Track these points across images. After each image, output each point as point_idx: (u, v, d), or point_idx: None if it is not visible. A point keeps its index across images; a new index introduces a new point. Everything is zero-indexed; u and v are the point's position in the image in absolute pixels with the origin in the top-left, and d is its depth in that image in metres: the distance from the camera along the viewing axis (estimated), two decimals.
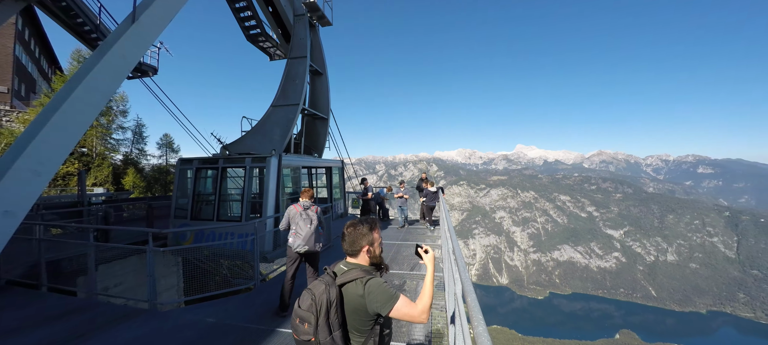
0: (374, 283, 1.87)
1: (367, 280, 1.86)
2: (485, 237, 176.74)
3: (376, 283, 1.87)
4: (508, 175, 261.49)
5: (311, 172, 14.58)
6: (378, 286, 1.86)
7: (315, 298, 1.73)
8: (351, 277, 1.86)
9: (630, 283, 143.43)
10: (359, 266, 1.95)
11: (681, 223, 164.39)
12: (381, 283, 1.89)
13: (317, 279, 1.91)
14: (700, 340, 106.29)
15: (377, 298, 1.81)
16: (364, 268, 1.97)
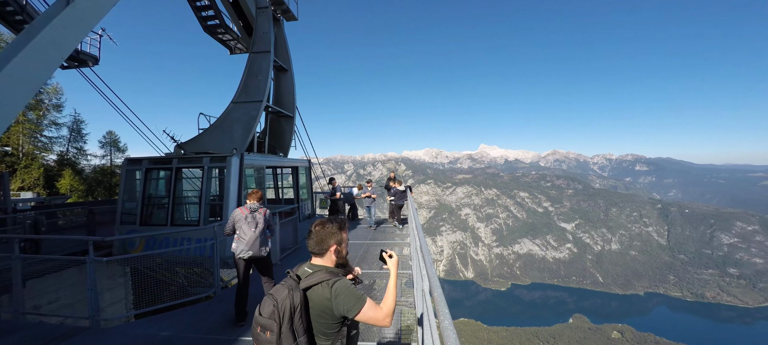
0: (342, 285, 1.81)
1: (335, 282, 1.80)
2: (452, 233, 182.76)
3: (344, 285, 1.82)
4: (473, 173, 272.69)
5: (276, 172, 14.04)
6: (346, 288, 1.80)
7: (277, 304, 1.64)
8: (316, 279, 1.79)
9: (581, 271, 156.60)
10: (324, 268, 1.88)
11: (622, 215, 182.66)
12: (349, 285, 1.83)
13: (279, 283, 1.79)
14: (639, 319, 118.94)
15: (345, 301, 1.76)
16: (330, 269, 1.89)
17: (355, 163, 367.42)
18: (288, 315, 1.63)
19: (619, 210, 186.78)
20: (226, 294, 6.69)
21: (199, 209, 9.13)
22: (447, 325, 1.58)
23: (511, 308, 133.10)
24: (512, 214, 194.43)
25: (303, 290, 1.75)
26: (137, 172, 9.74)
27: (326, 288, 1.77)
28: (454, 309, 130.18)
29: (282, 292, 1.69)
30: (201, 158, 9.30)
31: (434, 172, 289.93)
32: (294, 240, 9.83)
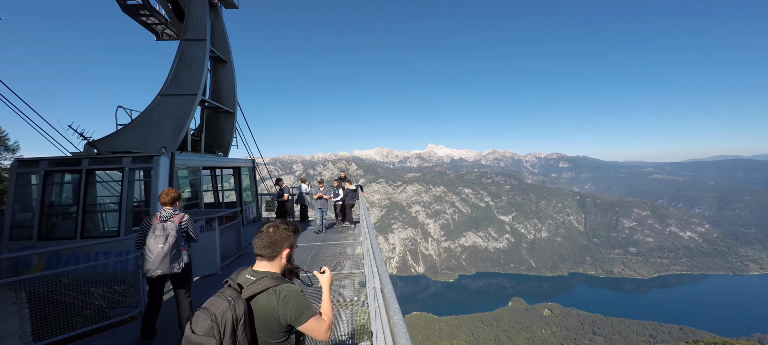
0: (291, 291, 1.70)
1: (283, 289, 1.69)
2: (403, 231, 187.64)
3: (294, 291, 1.71)
4: (422, 172, 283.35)
5: (215, 173, 12.83)
6: (296, 295, 1.70)
7: (216, 318, 1.46)
8: (262, 286, 1.65)
9: (517, 258, 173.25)
10: (270, 274, 1.73)
11: (550, 207, 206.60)
12: (298, 292, 1.73)
13: (215, 296, 1.58)
14: (564, 296, 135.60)
15: (294, 309, 1.65)
16: (275, 275, 1.75)
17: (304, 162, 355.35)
18: (230, 329, 1.47)
19: (547, 202, 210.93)
20: None
21: (118, 218, 7.88)
22: (397, 320, 1.59)
23: (458, 298, 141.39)
24: (458, 210, 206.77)
25: (246, 300, 1.61)
26: (33, 176, 8.05)
27: (273, 295, 1.65)
28: (406, 304, 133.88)
29: (220, 305, 1.52)
30: (120, 158, 8.02)
31: (385, 171, 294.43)
32: (237, 246, 9.09)
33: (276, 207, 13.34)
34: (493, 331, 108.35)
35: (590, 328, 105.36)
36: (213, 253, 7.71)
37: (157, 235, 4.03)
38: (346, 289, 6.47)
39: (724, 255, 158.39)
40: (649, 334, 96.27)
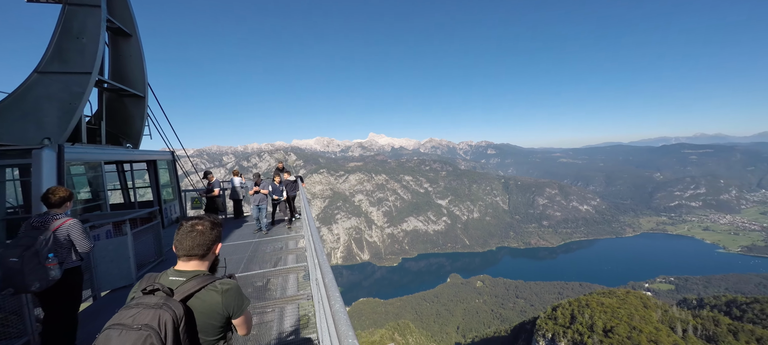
0: (232, 284, 1.70)
1: (224, 282, 1.68)
2: (347, 220, 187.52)
3: (234, 284, 1.71)
4: (364, 161, 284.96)
5: (122, 168, 10.92)
6: (236, 287, 1.70)
7: (152, 328, 1.30)
8: (197, 284, 1.59)
9: (453, 238, 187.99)
10: (201, 272, 1.66)
11: (480, 190, 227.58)
12: (237, 284, 1.73)
13: (132, 306, 1.38)
14: (493, 268, 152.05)
15: (236, 300, 1.67)
16: (206, 273, 1.70)
17: (236, 154, 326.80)
18: (172, 337, 1.35)
19: (478, 186, 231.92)
20: None
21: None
22: (338, 308, 1.57)
23: (402, 280, 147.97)
24: (400, 197, 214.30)
25: (182, 301, 1.51)
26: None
27: (213, 291, 1.62)
28: (353, 291, 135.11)
29: (145, 316, 1.33)
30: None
31: (327, 160, 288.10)
32: (157, 251, 7.94)
33: (204, 204, 12.00)
34: (434, 306, 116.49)
35: (514, 292, 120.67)
36: (125, 261, 6.58)
37: (18, 245, 3.22)
38: (290, 284, 6.17)
39: (609, 222, 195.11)
40: (558, 292, 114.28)
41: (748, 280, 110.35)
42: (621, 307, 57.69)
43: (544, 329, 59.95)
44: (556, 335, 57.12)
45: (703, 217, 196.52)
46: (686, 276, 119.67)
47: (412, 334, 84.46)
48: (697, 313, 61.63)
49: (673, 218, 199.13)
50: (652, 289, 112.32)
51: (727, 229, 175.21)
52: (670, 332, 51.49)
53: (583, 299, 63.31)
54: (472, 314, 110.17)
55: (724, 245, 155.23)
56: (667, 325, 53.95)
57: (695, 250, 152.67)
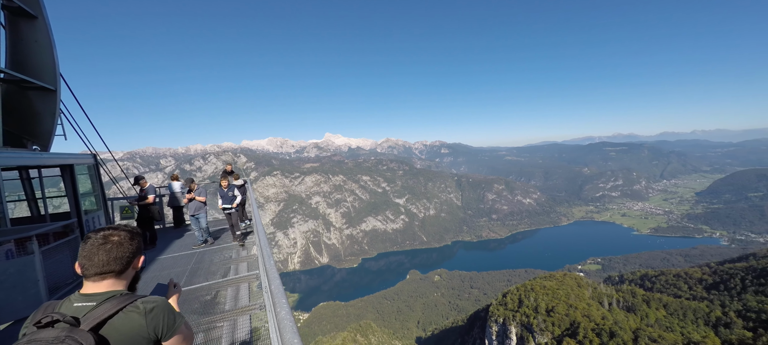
0: (159, 302, 1.42)
1: (147, 301, 1.39)
2: (304, 223, 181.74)
3: (161, 302, 1.43)
4: (320, 161, 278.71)
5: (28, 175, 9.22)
6: (164, 305, 1.43)
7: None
8: (113, 307, 1.29)
9: (411, 235, 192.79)
10: (117, 292, 1.37)
11: (435, 188, 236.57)
12: (166, 301, 1.46)
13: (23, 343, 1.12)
14: (449, 262, 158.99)
15: (166, 320, 1.40)
16: (125, 293, 1.39)
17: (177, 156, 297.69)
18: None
19: (433, 184, 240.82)
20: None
21: None
22: (284, 315, 1.49)
23: (363, 280, 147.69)
24: (358, 197, 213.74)
25: (93, 330, 1.22)
26: None
27: (134, 313, 1.33)
28: (313, 296, 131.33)
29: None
30: None
31: (281, 162, 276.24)
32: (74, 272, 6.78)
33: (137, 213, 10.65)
34: (395, 304, 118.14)
35: (469, 283, 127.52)
36: (32, 285, 5.53)
37: None
38: (242, 295, 5.72)
39: (548, 213, 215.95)
40: (507, 279, 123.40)
41: (656, 256, 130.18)
42: (559, 288, 64.18)
43: (496, 315, 64.30)
44: (506, 319, 61.60)
45: (621, 204, 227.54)
46: (610, 256, 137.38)
47: (375, 333, 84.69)
48: (619, 287, 71.05)
49: (598, 207, 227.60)
50: (584, 270, 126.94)
51: (639, 215, 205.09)
52: (599, 307, 58.67)
53: (529, 284, 69.17)
54: (431, 308, 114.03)
55: (637, 228, 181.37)
56: (596, 301, 61.34)
57: (616, 234, 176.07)
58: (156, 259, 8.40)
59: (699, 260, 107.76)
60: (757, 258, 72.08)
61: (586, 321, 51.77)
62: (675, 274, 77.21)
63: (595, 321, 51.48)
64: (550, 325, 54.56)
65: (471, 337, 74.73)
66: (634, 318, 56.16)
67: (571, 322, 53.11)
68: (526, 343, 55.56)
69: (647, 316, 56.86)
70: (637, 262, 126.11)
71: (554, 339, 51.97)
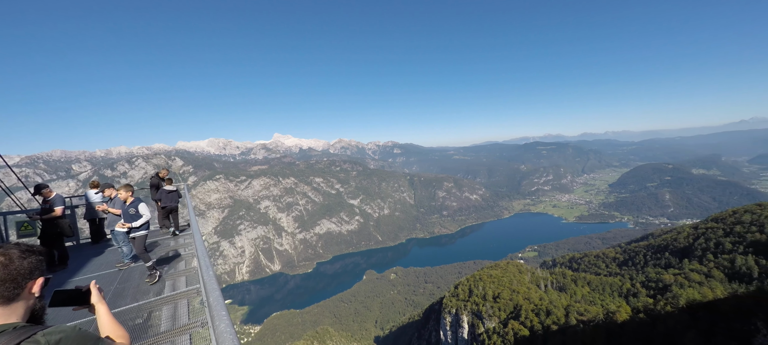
0: (65, 330, 1.11)
1: (51, 333, 1.08)
2: (252, 230, 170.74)
3: (68, 329, 1.12)
4: (269, 163, 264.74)
5: None
6: (72, 332, 1.12)
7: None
8: None
9: (367, 235, 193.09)
10: (8, 327, 1.07)
11: (389, 187, 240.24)
12: (74, 328, 1.15)
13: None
14: (404, 259, 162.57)
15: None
16: (20, 326, 1.09)
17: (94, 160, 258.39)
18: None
19: (387, 184, 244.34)
20: None
21: None
22: (223, 328, 1.42)
23: (318, 285, 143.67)
24: (310, 199, 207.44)
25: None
26: None
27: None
28: (266, 306, 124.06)
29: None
30: None
31: (224, 165, 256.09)
32: None
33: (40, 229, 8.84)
34: (352, 305, 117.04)
35: (423, 279, 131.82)
36: None
37: None
38: (181, 313, 5.01)
39: (492, 208, 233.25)
40: (458, 272, 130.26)
41: (580, 240, 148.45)
42: (504, 275, 69.67)
43: (449, 306, 67.42)
44: (458, 309, 64.93)
45: (551, 197, 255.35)
46: (544, 243, 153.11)
47: (332, 338, 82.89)
48: (552, 271, 79.57)
49: (534, 200, 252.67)
50: (523, 257, 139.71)
51: (567, 205, 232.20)
52: (537, 289, 64.98)
53: (477, 275, 73.82)
54: (389, 306, 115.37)
55: (565, 217, 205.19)
56: (535, 284, 67.86)
57: (548, 223, 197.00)
58: (68, 281, 7.04)
59: (613, 242, 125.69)
60: (654, 237, 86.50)
61: (526, 303, 56.93)
62: (595, 255, 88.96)
63: (534, 302, 56.90)
64: (497, 310, 58.91)
65: (427, 330, 77.33)
66: (565, 296, 63.32)
67: (515, 305, 57.97)
68: (477, 329, 59.22)
69: (575, 293, 64.55)
70: (566, 247, 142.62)
71: (501, 323, 56.22)
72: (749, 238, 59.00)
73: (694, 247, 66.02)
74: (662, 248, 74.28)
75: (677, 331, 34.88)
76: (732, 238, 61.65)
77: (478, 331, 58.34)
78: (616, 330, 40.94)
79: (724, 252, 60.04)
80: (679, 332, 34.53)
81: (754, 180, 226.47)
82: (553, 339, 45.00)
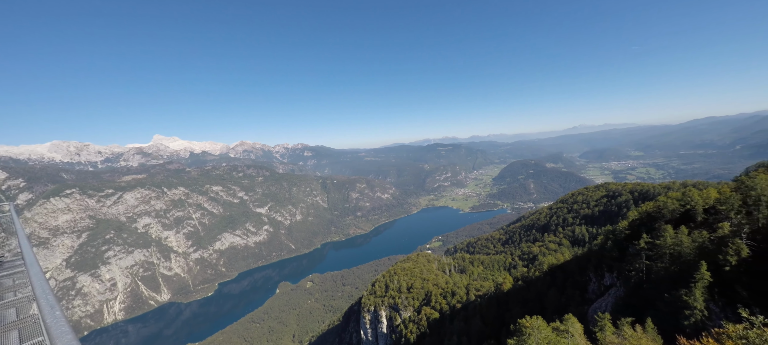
0: None
1: None
2: (126, 256, 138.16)
3: None
4: (148, 172, 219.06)
5: None
6: None
7: None
8: None
9: (278, 245, 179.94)
10: None
11: (300, 192, 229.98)
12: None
13: None
14: (321, 265, 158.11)
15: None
16: None
17: None
18: None
19: (298, 188, 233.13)
20: None
21: None
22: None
23: (222, 309, 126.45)
24: (208, 212, 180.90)
25: None
26: None
27: None
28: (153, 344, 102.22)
29: None
30: None
31: (79, 176, 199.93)
32: None
33: None
34: (266, 324, 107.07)
35: (341, 282, 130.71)
36: None
37: None
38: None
39: (402, 205, 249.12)
40: (374, 270, 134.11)
41: (475, 227, 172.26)
42: (415, 267, 75.05)
43: (368, 305, 68.61)
44: (377, 306, 66.70)
45: (451, 192, 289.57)
46: (447, 233, 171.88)
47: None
48: (454, 256, 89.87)
49: (437, 195, 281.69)
50: (431, 247, 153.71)
51: (462, 198, 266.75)
52: (443, 274, 72.27)
53: (392, 269, 77.44)
54: (306, 316, 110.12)
55: (461, 208, 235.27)
56: (441, 271, 75.28)
57: (449, 215, 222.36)
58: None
59: (497, 225, 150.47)
60: (524, 218, 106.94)
61: (435, 289, 62.67)
62: (486, 238, 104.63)
63: (442, 286, 63.14)
64: (411, 299, 62.98)
65: (347, 332, 76.87)
66: (466, 277, 72.40)
67: (426, 292, 63.08)
68: (394, 321, 62.00)
69: (473, 273, 74.48)
70: (464, 234, 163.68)
71: (415, 311, 60.31)
72: (582, 213, 78.96)
73: (551, 223, 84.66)
74: (530, 227, 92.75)
75: (543, 291, 43.96)
76: (572, 214, 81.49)
77: (396, 322, 61.18)
78: (503, 298, 48.82)
79: (568, 225, 78.88)
80: (544, 291, 43.58)
81: (583, 170, 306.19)
82: (458, 315, 50.69)
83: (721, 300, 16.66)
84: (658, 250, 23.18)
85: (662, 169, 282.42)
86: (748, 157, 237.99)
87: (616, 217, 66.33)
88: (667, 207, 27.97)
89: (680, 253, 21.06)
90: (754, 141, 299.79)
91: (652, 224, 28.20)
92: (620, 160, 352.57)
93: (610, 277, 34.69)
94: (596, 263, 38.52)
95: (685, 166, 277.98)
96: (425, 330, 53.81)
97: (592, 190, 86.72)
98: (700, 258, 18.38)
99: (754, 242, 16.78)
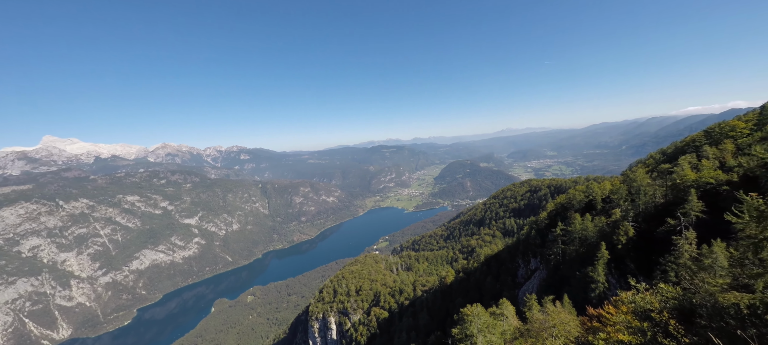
0: None
1: None
2: (6, 288, 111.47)
3: None
4: (35, 181, 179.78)
5: None
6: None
7: None
8: None
9: (212, 259, 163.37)
10: None
11: (237, 199, 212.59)
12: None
13: None
14: (263, 276, 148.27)
15: None
16: None
17: None
18: None
19: (233, 195, 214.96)
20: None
21: None
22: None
23: (144, 338, 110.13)
24: (121, 226, 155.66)
25: None
26: None
27: None
28: None
29: None
30: None
31: None
32: None
33: None
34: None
35: (286, 292, 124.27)
36: None
37: None
38: None
39: (348, 207, 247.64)
40: (321, 275, 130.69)
41: (419, 225, 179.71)
42: (363, 268, 75.37)
43: (316, 312, 66.62)
44: (325, 313, 65.15)
45: (395, 192, 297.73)
46: (393, 233, 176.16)
47: None
48: (401, 255, 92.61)
49: (382, 196, 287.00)
50: (378, 248, 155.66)
51: (407, 198, 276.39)
52: (391, 273, 73.94)
53: (340, 274, 76.53)
54: (248, 334, 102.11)
55: (406, 208, 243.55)
56: (389, 270, 76.90)
57: (394, 215, 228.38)
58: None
59: (439, 222, 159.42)
60: (463, 214, 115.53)
61: (384, 288, 63.81)
62: (430, 235, 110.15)
63: (390, 286, 64.56)
64: (361, 302, 63.06)
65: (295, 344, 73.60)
66: (412, 274, 75.21)
67: (375, 293, 63.81)
68: (344, 326, 61.33)
69: (419, 269, 77.75)
70: (409, 233, 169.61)
71: (365, 312, 60.53)
72: (511, 207, 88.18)
73: (485, 217, 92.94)
74: (468, 222, 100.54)
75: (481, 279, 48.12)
76: (503, 208, 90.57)
77: (346, 327, 60.58)
78: (447, 290, 52.02)
79: (500, 218, 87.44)
80: (482, 280, 47.75)
81: (510, 169, 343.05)
82: (406, 312, 52.39)
83: (616, 272, 20.40)
84: (570, 235, 27.44)
85: (571, 166, 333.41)
86: (631, 155, 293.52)
87: (538, 208, 75.97)
88: (575, 198, 33.10)
89: (586, 237, 25.23)
90: (635, 142, 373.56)
91: (565, 214, 33.20)
92: (539, 159, 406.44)
93: (535, 262, 39.68)
94: (523, 250, 43.86)
95: (588, 163, 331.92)
96: (375, 330, 54.38)
97: (518, 186, 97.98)
98: (601, 239, 22.23)
99: (636, 224, 20.93)
